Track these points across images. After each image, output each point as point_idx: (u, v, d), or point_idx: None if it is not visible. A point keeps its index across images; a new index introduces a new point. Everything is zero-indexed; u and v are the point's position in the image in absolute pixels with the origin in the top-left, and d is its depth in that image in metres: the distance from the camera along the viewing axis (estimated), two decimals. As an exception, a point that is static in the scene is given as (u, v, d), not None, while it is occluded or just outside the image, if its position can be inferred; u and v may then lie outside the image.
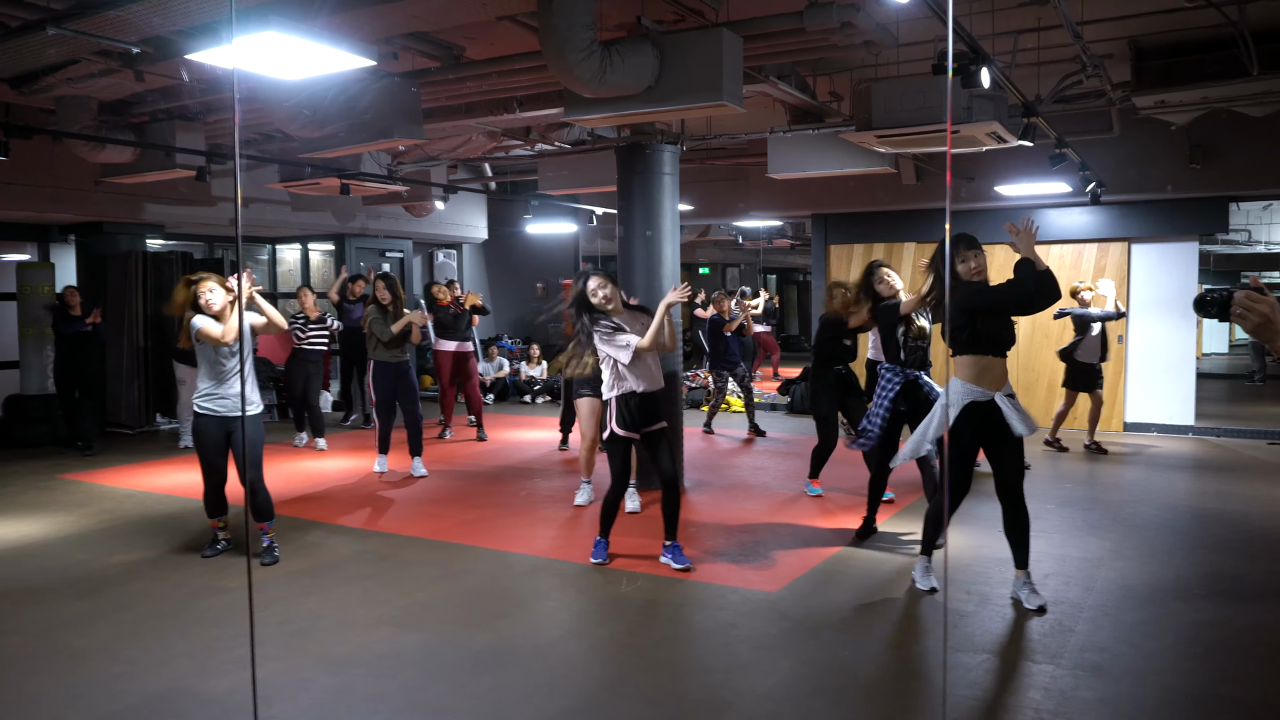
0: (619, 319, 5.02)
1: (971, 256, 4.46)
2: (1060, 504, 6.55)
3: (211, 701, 3.50)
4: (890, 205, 10.66)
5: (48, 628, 4.29)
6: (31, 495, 7.05)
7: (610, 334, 4.97)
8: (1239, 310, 2.01)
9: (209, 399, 5.17)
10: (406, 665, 3.82)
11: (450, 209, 13.18)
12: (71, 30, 4.85)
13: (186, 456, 8.64)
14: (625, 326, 4.98)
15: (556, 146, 9.20)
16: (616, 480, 5.10)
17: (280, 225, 11.66)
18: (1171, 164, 9.20)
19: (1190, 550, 5.46)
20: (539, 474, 7.79)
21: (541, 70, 6.27)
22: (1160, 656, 3.90)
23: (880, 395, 5.44)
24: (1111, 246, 9.99)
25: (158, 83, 6.78)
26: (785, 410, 11.75)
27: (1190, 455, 8.61)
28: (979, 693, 3.60)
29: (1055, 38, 6.36)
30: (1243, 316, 2.00)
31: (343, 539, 5.80)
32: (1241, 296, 2.01)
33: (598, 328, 5.00)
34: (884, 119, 6.00)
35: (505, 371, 13.22)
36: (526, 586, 4.91)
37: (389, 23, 5.38)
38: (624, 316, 5.05)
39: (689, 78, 5.28)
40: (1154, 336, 9.86)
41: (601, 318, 5.01)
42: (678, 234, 7.20)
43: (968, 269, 4.45)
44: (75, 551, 5.53)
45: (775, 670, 3.76)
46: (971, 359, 4.37)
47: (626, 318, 5.05)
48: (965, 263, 4.45)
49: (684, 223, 12.80)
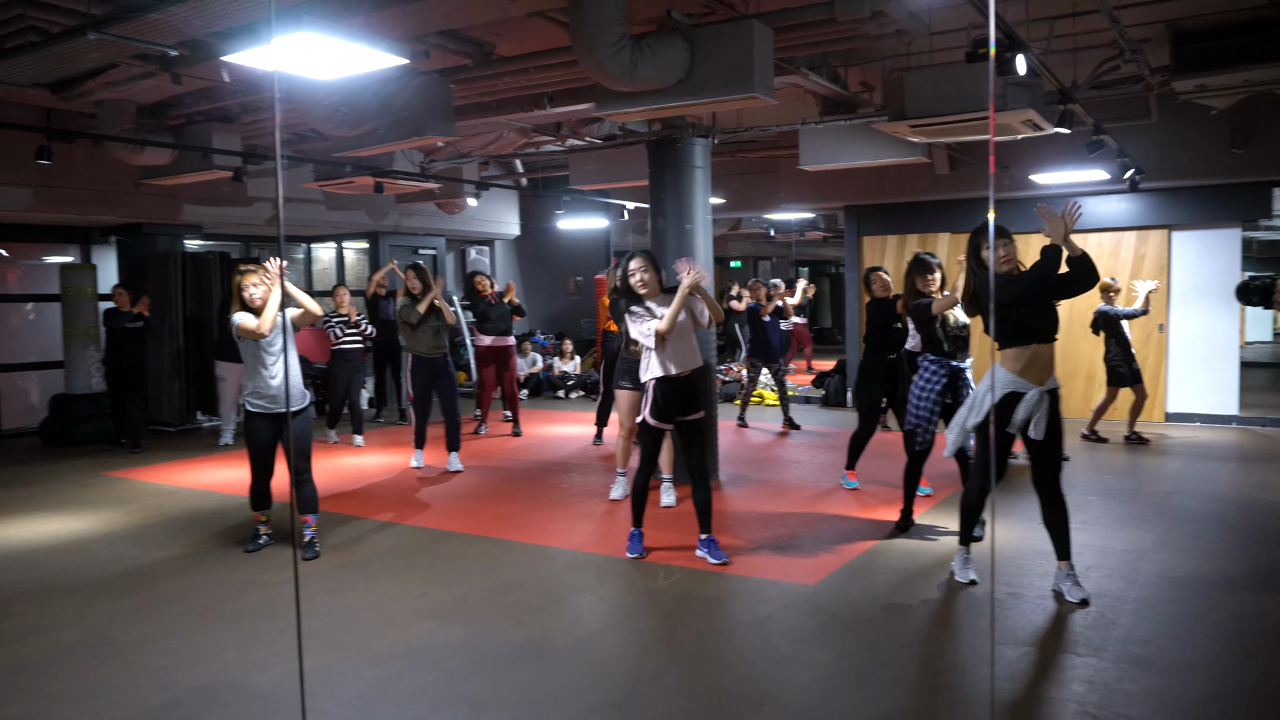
0: (653, 303, 5.05)
1: (1000, 245, 4.41)
2: (1102, 496, 6.47)
3: (257, 694, 3.56)
4: (924, 195, 10.56)
5: (97, 622, 4.38)
6: (79, 492, 7.20)
7: (640, 318, 5.01)
8: None
9: (256, 395, 5.26)
10: (447, 658, 3.86)
11: (482, 205, 13.25)
12: (112, 35, 4.93)
13: (227, 453, 8.78)
14: (657, 312, 5.00)
15: (587, 142, 9.21)
16: (644, 464, 5.13)
17: (315, 224, 11.79)
18: (1212, 149, 9.02)
19: (1235, 542, 5.37)
20: (574, 469, 7.82)
21: (572, 65, 6.29)
22: (1206, 649, 3.84)
23: (926, 388, 5.39)
24: (1151, 234, 9.83)
25: (194, 85, 6.88)
26: (820, 403, 11.69)
27: (1234, 445, 8.47)
28: (1021, 685, 3.57)
29: (1092, 22, 6.26)
30: None
31: (381, 533, 5.86)
32: None
33: (630, 311, 5.04)
34: (917, 108, 5.95)
35: (539, 367, 13.28)
36: (564, 580, 4.94)
37: (421, 21, 5.42)
38: (660, 300, 5.07)
39: (720, 70, 5.27)
40: (1196, 325, 9.69)
41: (635, 302, 5.05)
42: (710, 227, 7.19)
43: (996, 259, 4.41)
44: (122, 547, 5.64)
45: (814, 663, 3.76)
46: (1015, 350, 4.32)
47: (663, 301, 5.06)
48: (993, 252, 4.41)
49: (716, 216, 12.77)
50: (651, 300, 5.06)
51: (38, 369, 10.45)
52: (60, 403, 9.56)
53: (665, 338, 4.95)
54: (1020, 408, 4.28)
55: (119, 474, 7.88)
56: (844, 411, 11.11)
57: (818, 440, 9.07)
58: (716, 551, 5.07)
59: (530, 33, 6.09)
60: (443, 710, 3.41)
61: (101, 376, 9.47)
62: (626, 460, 6.68)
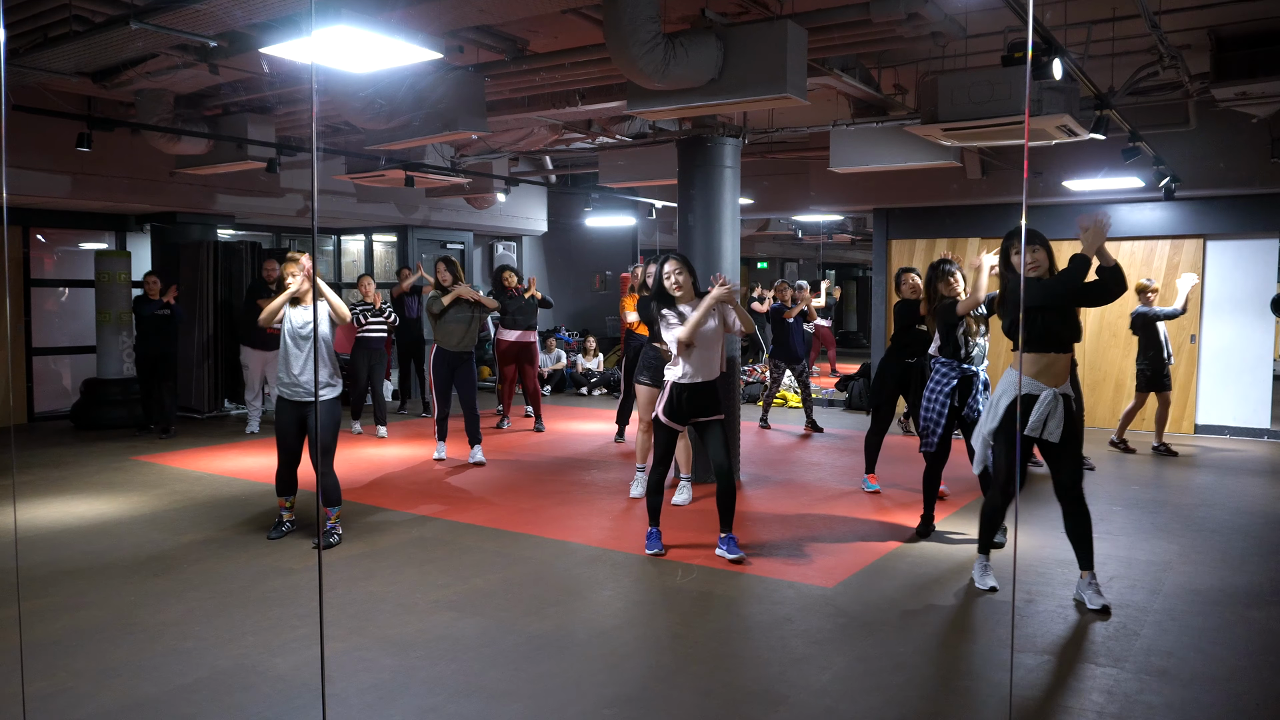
0: (686, 307, 5.07)
1: (1029, 251, 4.37)
2: (1127, 506, 6.40)
3: (278, 678, 3.60)
4: (954, 200, 10.48)
5: (123, 603, 4.45)
6: (108, 476, 7.31)
7: (669, 323, 5.03)
8: None
9: (283, 384, 5.33)
10: (465, 649, 3.89)
11: (511, 201, 13.31)
12: (153, 25, 5.00)
13: (254, 441, 8.88)
14: (686, 316, 5.02)
15: (617, 140, 9.23)
16: (658, 463, 5.15)
17: (345, 216, 11.90)
18: (1251, 158, 8.89)
19: (1264, 556, 5.29)
20: (595, 465, 7.84)
21: (604, 63, 6.31)
22: (1229, 662, 3.79)
23: (935, 389, 5.37)
24: (1186, 243, 9.71)
25: (231, 76, 6.96)
26: (843, 406, 11.64)
27: (1265, 459, 8.34)
28: (1039, 694, 3.54)
29: (1131, 28, 6.20)
30: None
31: (402, 524, 5.91)
32: None
33: (662, 315, 5.05)
34: (950, 112, 5.91)
35: (563, 363, 13.32)
36: (582, 575, 4.95)
37: (456, 16, 5.45)
38: (694, 304, 5.09)
39: (752, 70, 5.26)
40: (1229, 336, 9.56)
41: (668, 305, 5.07)
42: (738, 228, 7.18)
43: (1026, 265, 4.38)
44: (149, 531, 5.72)
45: (830, 665, 3.75)
46: (1033, 355, 4.32)
47: (696, 305, 5.07)
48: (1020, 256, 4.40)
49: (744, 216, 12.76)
50: (685, 304, 5.08)
51: (71, 353, 10.63)
52: (92, 387, 9.71)
53: (690, 346, 4.98)
54: (1035, 408, 4.26)
55: (147, 459, 7.99)
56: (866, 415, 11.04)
57: (839, 443, 9.04)
58: (734, 548, 5.07)
59: (564, 29, 6.12)
60: (460, 700, 3.43)
61: (133, 362, 9.61)
62: (646, 456, 6.68)
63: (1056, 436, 4.27)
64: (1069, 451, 4.34)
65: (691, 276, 5.16)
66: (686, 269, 5.14)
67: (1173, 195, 8.83)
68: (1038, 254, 4.40)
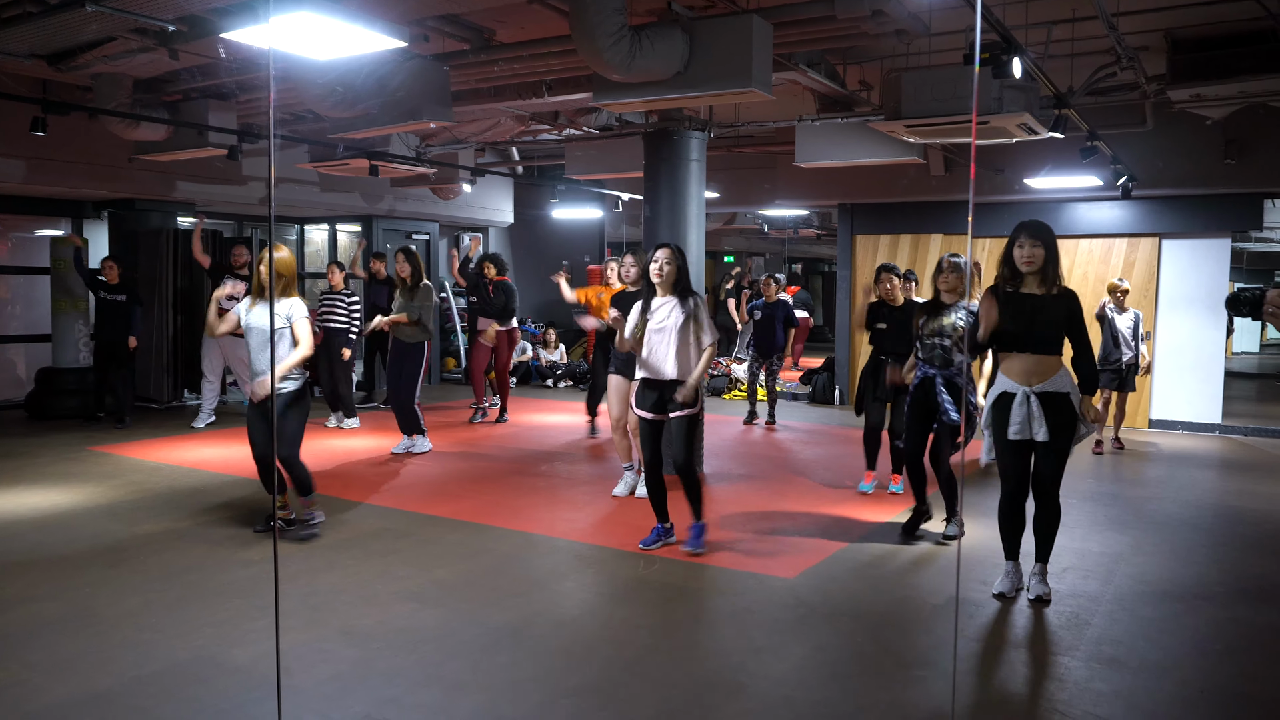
0: (665, 298, 5.03)
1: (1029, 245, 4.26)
2: (1082, 499, 6.52)
3: (235, 669, 3.58)
4: (918, 196, 10.60)
5: (78, 595, 4.39)
6: (63, 466, 7.19)
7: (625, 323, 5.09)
8: (1271, 309, 2.02)
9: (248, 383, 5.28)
10: (425, 640, 3.89)
11: (477, 192, 13.24)
12: (110, 8, 4.92)
13: (212, 432, 8.77)
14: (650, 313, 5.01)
15: (584, 131, 9.22)
16: (646, 459, 5.16)
17: (308, 205, 11.76)
18: (1205, 159, 9.08)
19: (1212, 548, 5.43)
20: (560, 457, 7.84)
21: (571, 54, 6.29)
22: (1178, 651, 3.89)
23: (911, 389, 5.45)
24: (1142, 242, 9.89)
25: (191, 61, 6.86)
26: (807, 400, 11.73)
27: (1216, 453, 8.54)
28: (992, 682, 3.61)
29: (1090, 29, 6.30)
30: (1275, 315, 2.01)
31: (365, 516, 5.87)
32: (1275, 295, 2.02)
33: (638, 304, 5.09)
34: (913, 109, 5.97)
35: (528, 355, 13.29)
36: (545, 567, 4.96)
37: (421, 4, 5.42)
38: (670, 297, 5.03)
39: (718, 64, 5.28)
40: (1183, 334, 9.76)
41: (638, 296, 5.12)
42: (703, 221, 7.21)
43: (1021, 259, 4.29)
44: (105, 522, 5.64)
45: (789, 655, 3.79)
46: (1014, 355, 4.32)
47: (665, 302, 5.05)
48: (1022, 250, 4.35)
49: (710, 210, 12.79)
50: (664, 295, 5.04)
51: (25, 342, 10.42)
52: (47, 376, 9.54)
53: (640, 346, 5.00)
54: (1014, 409, 4.28)
55: (104, 449, 7.87)
56: (831, 409, 11.15)
57: (804, 437, 9.11)
58: (696, 541, 5.09)
59: (531, 20, 6.10)
60: (418, 691, 3.43)
61: (90, 351, 9.44)
62: (627, 455, 6.53)
63: (1041, 436, 4.25)
64: (1055, 448, 4.30)
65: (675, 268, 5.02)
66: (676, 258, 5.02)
67: (1130, 194, 8.99)
68: (1036, 249, 4.26)
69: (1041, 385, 4.26)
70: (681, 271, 5.03)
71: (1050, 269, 4.29)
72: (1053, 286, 4.30)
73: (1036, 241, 4.27)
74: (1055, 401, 4.25)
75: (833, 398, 11.46)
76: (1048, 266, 4.29)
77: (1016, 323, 4.28)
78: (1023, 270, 4.30)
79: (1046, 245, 4.29)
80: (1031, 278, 4.31)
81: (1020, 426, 4.27)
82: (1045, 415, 4.24)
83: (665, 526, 5.23)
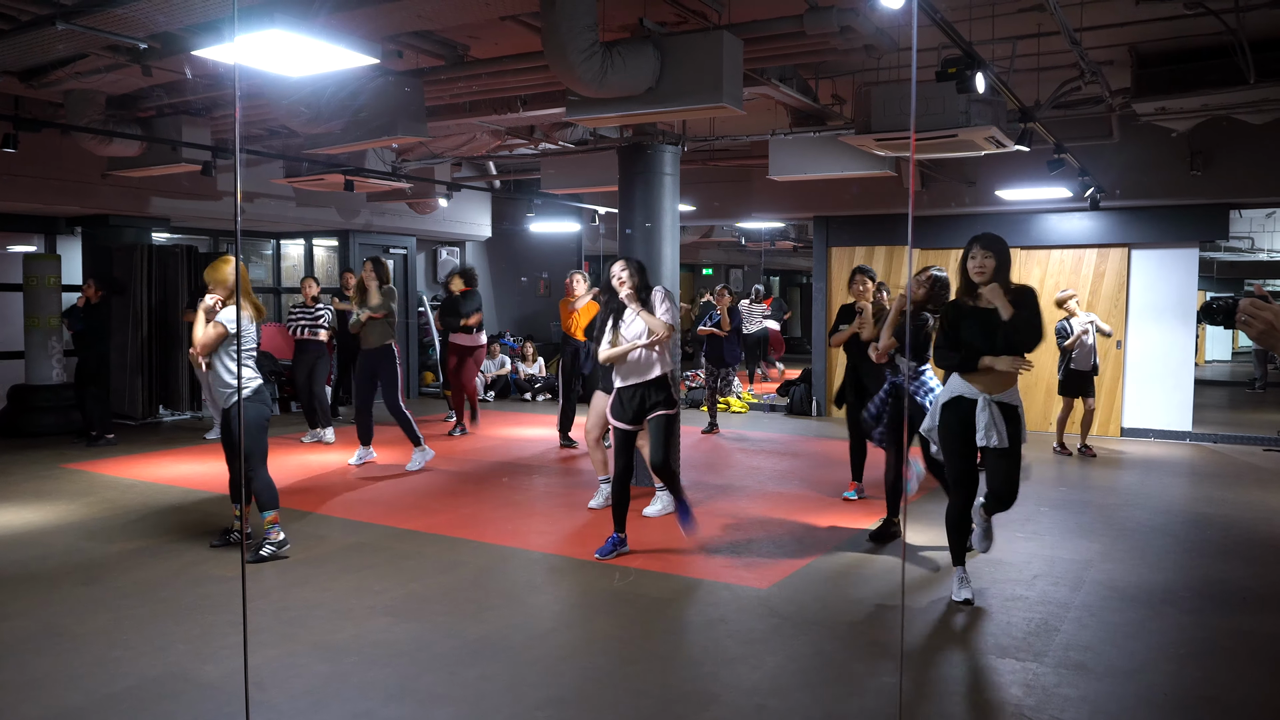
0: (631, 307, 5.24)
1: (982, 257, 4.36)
2: (1054, 506, 6.59)
3: (207, 686, 3.56)
4: (892, 209, 10.70)
5: (49, 612, 4.36)
6: (35, 484, 7.13)
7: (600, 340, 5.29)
8: (1244, 317, 2.06)
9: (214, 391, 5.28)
10: (399, 654, 3.89)
11: (454, 206, 13.24)
12: (80, 26, 4.91)
13: (188, 448, 8.72)
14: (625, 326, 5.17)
15: (560, 146, 9.25)
16: (618, 469, 5.24)
17: (284, 220, 11.73)
18: (1172, 170, 9.23)
19: (1180, 554, 5.50)
20: (536, 470, 7.85)
21: (544, 70, 6.32)
22: (1144, 657, 3.94)
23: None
24: (1111, 252, 10.03)
25: (164, 78, 6.85)
26: (784, 411, 11.79)
27: (1186, 461, 8.65)
28: (962, 689, 3.65)
29: (1055, 44, 6.40)
30: (1247, 324, 2.06)
31: (340, 530, 5.86)
32: (1246, 304, 2.06)
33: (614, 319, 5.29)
34: (883, 122, 6.05)
35: (507, 369, 13.29)
36: (520, 579, 4.97)
37: (393, 21, 5.43)
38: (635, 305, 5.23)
39: (690, 79, 5.33)
40: (1153, 342, 9.89)
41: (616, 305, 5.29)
42: (678, 234, 7.26)
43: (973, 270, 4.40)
44: (77, 539, 5.60)
45: (762, 665, 3.82)
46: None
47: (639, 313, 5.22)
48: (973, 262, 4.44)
49: (687, 223, 12.86)
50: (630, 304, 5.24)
51: (-3, 359, 10.32)
52: (20, 394, 9.45)
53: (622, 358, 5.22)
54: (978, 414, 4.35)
55: (77, 466, 7.80)
56: (809, 420, 11.21)
57: (778, 448, 9.16)
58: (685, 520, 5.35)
59: (504, 36, 6.14)
60: (392, 704, 3.43)
61: (62, 369, 9.37)
62: (603, 468, 6.54)
63: (995, 442, 4.33)
64: (999, 460, 4.38)
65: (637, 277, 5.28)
66: (631, 270, 5.28)
67: (1098, 205, 9.12)
68: (988, 260, 4.35)
69: (999, 395, 4.39)
70: (642, 278, 5.31)
71: (1000, 278, 4.37)
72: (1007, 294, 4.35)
73: (988, 252, 4.37)
74: (1009, 412, 4.39)
75: (810, 409, 11.52)
76: (998, 275, 4.37)
77: (977, 335, 4.37)
78: (974, 280, 4.41)
79: (998, 255, 4.37)
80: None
81: (985, 433, 4.35)
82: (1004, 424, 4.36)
83: (620, 537, 5.30)
